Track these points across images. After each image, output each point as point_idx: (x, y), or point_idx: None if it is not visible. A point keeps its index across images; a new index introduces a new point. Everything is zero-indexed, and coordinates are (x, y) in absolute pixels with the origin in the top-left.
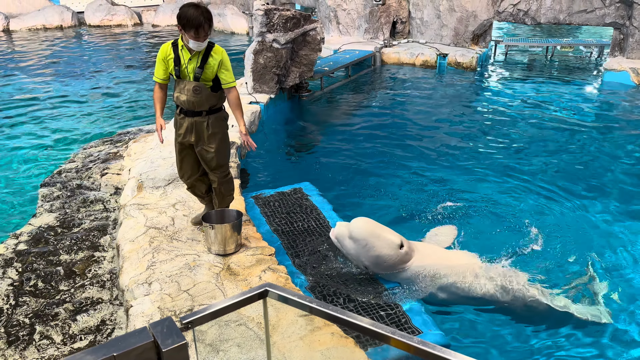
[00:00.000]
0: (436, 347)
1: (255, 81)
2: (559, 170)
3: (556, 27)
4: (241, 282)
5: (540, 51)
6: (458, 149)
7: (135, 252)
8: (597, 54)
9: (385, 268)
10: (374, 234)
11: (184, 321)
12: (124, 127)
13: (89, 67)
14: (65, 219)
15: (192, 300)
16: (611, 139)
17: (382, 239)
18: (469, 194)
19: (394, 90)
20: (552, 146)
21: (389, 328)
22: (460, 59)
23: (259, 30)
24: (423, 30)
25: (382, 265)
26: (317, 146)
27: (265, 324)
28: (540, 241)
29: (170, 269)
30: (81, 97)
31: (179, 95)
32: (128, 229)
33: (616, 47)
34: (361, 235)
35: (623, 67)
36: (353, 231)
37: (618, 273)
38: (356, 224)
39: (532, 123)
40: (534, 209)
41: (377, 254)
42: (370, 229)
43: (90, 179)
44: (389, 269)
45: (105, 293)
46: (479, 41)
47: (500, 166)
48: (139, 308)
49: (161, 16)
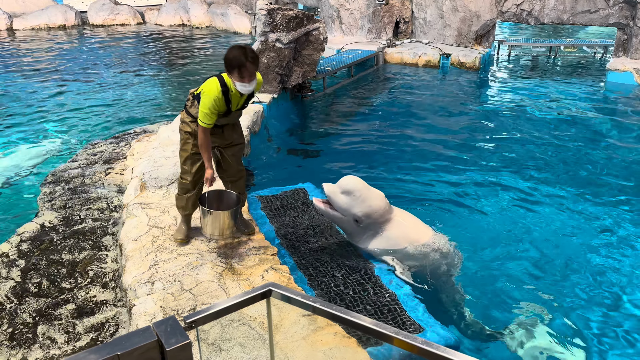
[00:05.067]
0: (440, 347)
1: None
2: (561, 171)
3: (559, 27)
4: (244, 282)
5: (543, 51)
6: (462, 150)
7: (138, 252)
8: (600, 54)
9: (375, 219)
10: (366, 186)
11: (188, 320)
12: (127, 127)
13: (93, 66)
14: (67, 218)
15: (194, 299)
16: (615, 140)
17: (373, 191)
18: (473, 195)
19: (396, 90)
20: (555, 147)
21: (392, 328)
22: (464, 59)
23: (261, 30)
24: (426, 30)
25: (372, 216)
26: (320, 146)
27: (268, 324)
28: (529, 241)
29: (173, 268)
30: (85, 96)
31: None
32: (131, 228)
33: (620, 48)
34: (355, 187)
35: (627, 67)
36: (347, 185)
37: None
38: (348, 179)
39: (535, 123)
40: (535, 210)
41: (369, 203)
42: (362, 182)
43: (93, 178)
44: (378, 219)
45: (108, 292)
46: (482, 41)
47: (503, 167)
48: (141, 307)
49: (164, 15)
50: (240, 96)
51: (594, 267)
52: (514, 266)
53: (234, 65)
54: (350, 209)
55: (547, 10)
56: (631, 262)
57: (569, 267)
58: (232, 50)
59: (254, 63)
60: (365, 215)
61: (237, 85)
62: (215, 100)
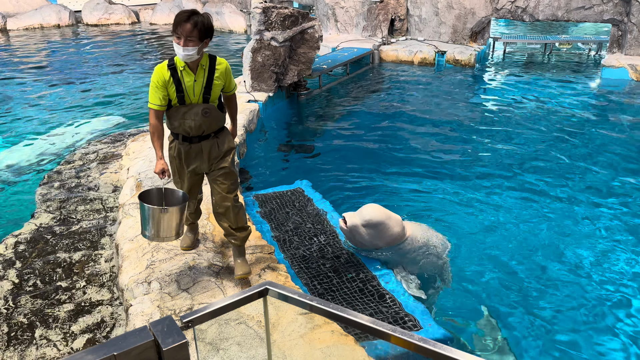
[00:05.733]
0: (437, 344)
1: (254, 79)
2: (557, 167)
3: (553, 23)
4: (241, 281)
5: (538, 48)
6: (457, 146)
7: (135, 251)
8: (595, 50)
9: (393, 243)
10: (387, 216)
11: (184, 320)
12: (122, 127)
13: (87, 66)
14: (63, 219)
15: (191, 299)
16: (610, 135)
17: (393, 219)
18: (469, 191)
19: (392, 88)
20: (550, 143)
21: (389, 325)
22: (459, 56)
23: (257, 28)
24: (421, 27)
25: (393, 242)
26: (316, 144)
27: (265, 323)
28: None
29: (170, 268)
30: (79, 95)
31: (183, 122)
32: (127, 228)
33: (614, 44)
34: (378, 219)
35: (621, 63)
36: (370, 217)
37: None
38: (369, 211)
39: (530, 120)
40: (526, 207)
41: (390, 232)
42: (382, 212)
43: (89, 178)
44: (396, 243)
45: (104, 292)
46: (477, 38)
47: (499, 163)
48: (138, 307)
49: (159, 14)
50: (193, 75)
51: (591, 268)
52: (510, 262)
53: (174, 25)
54: (372, 241)
55: (541, 7)
56: (619, 257)
57: (562, 262)
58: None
59: (194, 26)
60: (386, 244)
61: (175, 49)
62: (159, 72)
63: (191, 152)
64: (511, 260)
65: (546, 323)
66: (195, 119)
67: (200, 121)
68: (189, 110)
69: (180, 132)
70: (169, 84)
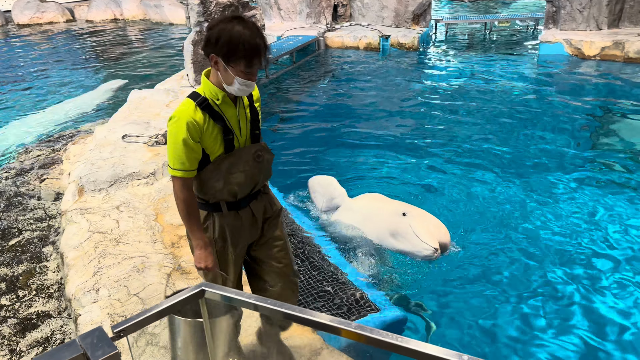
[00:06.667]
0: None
1: (197, 72)
2: (499, 143)
3: (493, 3)
4: (194, 281)
5: (479, 27)
6: (405, 127)
7: (80, 259)
8: (532, 27)
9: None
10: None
11: (115, 330)
12: (62, 130)
13: (19, 68)
14: (4, 231)
15: (142, 303)
16: (549, 109)
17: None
18: (416, 171)
19: (340, 74)
20: (493, 119)
21: (338, 319)
22: (403, 40)
23: (196, 20)
24: (364, 12)
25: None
26: (265, 135)
27: (205, 326)
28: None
29: (118, 274)
30: (13, 100)
31: (229, 179)
32: (71, 236)
33: (550, 20)
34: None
35: (557, 38)
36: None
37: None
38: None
39: (474, 98)
40: (469, 181)
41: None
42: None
43: (29, 186)
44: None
45: (52, 304)
46: (420, 21)
47: (446, 143)
48: (87, 316)
49: (95, 11)
50: (234, 108)
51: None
52: (457, 231)
53: (248, 57)
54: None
55: None
56: (560, 224)
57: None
58: (235, 26)
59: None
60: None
61: (236, 84)
62: (188, 121)
63: (240, 224)
64: (458, 229)
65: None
66: (245, 169)
67: (252, 171)
68: (238, 160)
69: (223, 198)
70: (208, 131)
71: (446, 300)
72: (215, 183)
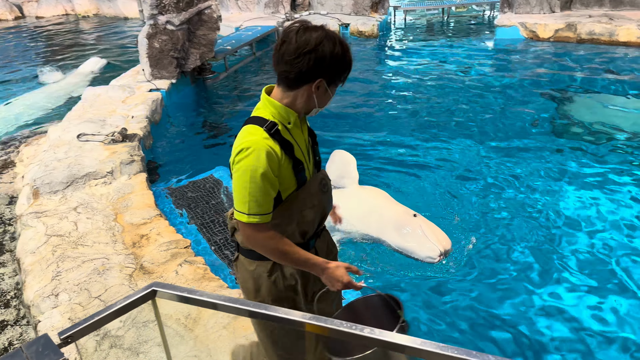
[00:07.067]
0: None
1: (153, 67)
2: (459, 124)
3: None
4: (157, 280)
5: (437, 14)
6: (367, 115)
7: (38, 264)
8: (489, 11)
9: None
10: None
11: (62, 336)
12: (13, 131)
13: None
14: None
15: (104, 306)
16: (506, 92)
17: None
18: (379, 156)
19: None
20: (452, 103)
21: (295, 312)
22: (362, 28)
23: (149, 12)
24: (323, 1)
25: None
26: (227, 129)
27: (159, 325)
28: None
29: (78, 277)
30: None
31: (301, 218)
32: (27, 240)
33: (505, 4)
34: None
35: (512, 22)
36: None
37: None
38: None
39: (434, 83)
40: (433, 164)
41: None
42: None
43: None
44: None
45: (10, 312)
46: (378, 8)
47: (405, 126)
48: (47, 322)
49: (44, 7)
50: (301, 132)
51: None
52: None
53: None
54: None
55: None
56: (525, 202)
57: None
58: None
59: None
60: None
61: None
62: (266, 153)
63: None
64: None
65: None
66: (314, 204)
67: (321, 205)
68: (307, 195)
69: (295, 241)
70: (284, 163)
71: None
72: (287, 227)
